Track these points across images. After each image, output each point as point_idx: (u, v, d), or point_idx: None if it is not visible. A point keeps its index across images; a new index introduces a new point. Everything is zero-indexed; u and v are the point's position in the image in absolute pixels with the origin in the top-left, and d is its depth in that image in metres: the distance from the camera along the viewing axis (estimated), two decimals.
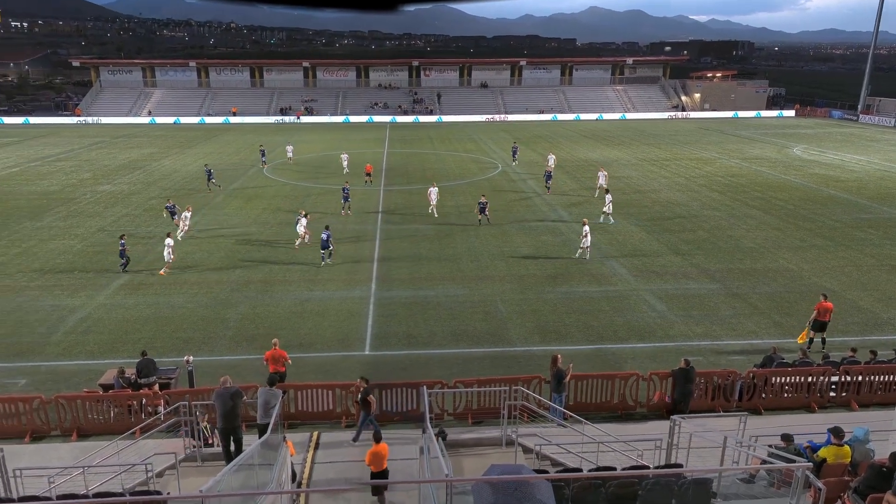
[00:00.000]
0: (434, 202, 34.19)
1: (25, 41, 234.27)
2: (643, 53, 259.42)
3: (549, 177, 40.41)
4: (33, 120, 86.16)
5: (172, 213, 31.71)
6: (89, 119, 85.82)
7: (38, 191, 40.62)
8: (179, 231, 29.62)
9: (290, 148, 51.74)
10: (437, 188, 34.74)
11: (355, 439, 13.91)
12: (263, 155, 50.20)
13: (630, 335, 19.81)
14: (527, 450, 13.17)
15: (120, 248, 25.21)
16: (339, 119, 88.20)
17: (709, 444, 11.95)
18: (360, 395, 13.93)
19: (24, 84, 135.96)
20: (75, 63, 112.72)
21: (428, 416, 12.37)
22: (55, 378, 17.10)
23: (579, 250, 26.82)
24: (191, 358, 16.02)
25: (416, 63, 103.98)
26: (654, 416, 15.36)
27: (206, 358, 17.94)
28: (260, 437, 11.84)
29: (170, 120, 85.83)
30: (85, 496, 9.77)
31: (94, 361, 17.98)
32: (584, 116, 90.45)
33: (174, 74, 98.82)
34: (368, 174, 42.32)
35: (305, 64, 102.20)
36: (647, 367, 16.79)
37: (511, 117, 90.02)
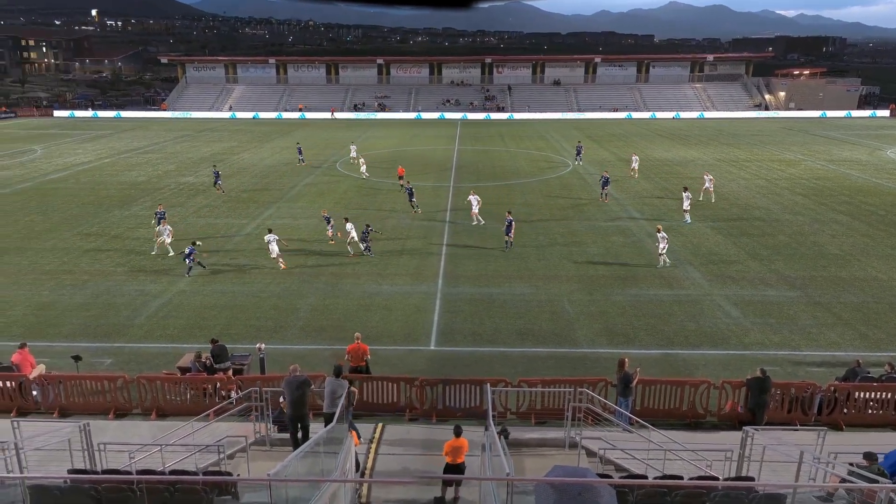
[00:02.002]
0: (476, 209, 31.87)
1: (119, 39, 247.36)
2: (724, 50, 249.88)
3: (605, 182, 36.68)
4: (124, 114, 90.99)
5: (160, 220, 28.23)
6: (175, 114, 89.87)
7: (126, 181, 42.85)
8: (158, 240, 27.19)
9: (353, 147, 50.80)
10: (477, 196, 32.25)
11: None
12: (300, 153, 49.49)
13: (702, 341, 19.18)
14: (591, 453, 12.97)
15: (189, 252, 24.47)
16: (411, 115, 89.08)
17: (783, 458, 11.44)
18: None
19: (117, 80, 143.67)
20: (163, 60, 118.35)
21: (491, 413, 12.35)
22: (138, 359, 18.02)
23: (661, 258, 25.42)
24: (263, 346, 16.54)
25: (488, 60, 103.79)
26: (724, 425, 14.82)
27: (277, 346, 18.50)
28: (326, 426, 12.11)
29: (249, 115, 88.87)
30: (162, 473, 10.25)
31: (173, 345, 18.85)
32: (659, 115, 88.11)
33: (254, 71, 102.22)
34: (401, 177, 39.67)
35: (380, 61, 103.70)
36: (719, 375, 16.21)
37: (584, 115, 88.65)
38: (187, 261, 24.45)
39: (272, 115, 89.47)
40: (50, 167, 48.30)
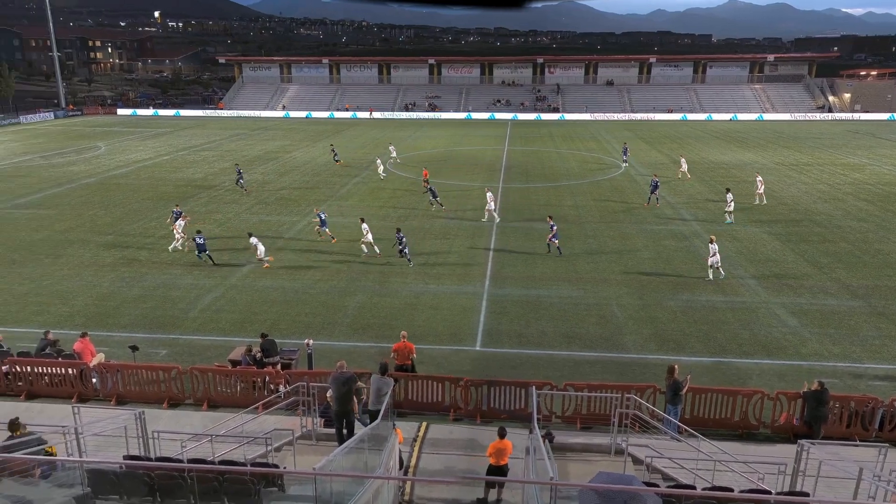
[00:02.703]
0: (491, 207, 32.23)
1: (180, 40, 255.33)
2: (786, 50, 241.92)
3: (655, 186, 35.33)
4: (183, 112, 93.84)
5: (177, 218, 28.87)
6: (231, 112, 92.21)
7: (183, 178, 44.19)
8: (176, 242, 27.84)
9: (392, 148, 51.16)
10: (491, 192, 32.99)
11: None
12: (335, 154, 49.90)
13: (756, 350, 18.62)
14: (637, 461, 12.75)
15: (199, 241, 25.67)
16: (462, 116, 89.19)
17: (841, 474, 11.00)
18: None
19: (177, 79, 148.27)
20: (221, 60, 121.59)
21: (535, 416, 12.27)
22: (191, 351, 18.56)
23: (710, 271, 24.24)
24: (311, 341, 16.82)
25: (540, 60, 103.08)
26: (778, 438, 14.36)
27: (325, 342, 18.77)
28: (371, 423, 12.24)
29: (302, 114, 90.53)
30: (212, 462, 10.53)
31: (224, 338, 19.35)
32: (716, 116, 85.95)
33: (308, 71, 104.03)
34: (426, 180, 38.63)
35: (431, 61, 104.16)
36: (773, 386, 15.71)
37: (637, 116, 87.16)
38: (200, 255, 25.68)
39: (324, 114, 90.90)
40: (112, 163, 50.20)
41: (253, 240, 25.82)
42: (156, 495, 9.70)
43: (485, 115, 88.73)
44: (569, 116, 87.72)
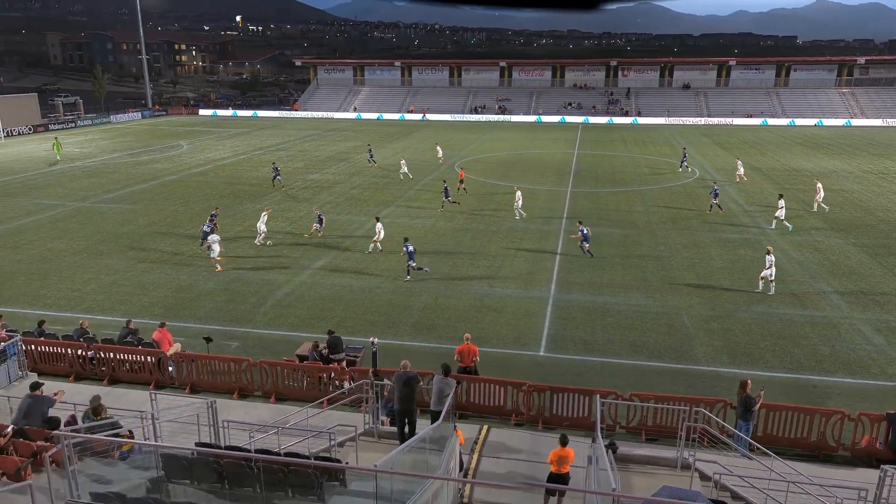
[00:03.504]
0: (518, 205, 33.41)
1: (259, 43, 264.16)
2: (879, 52, 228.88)
3: (716, 194, 34.58)
4: (260, 113, 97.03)
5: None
6: (306, 114, 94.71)
7: (258, 176, 45.66)
8: (260, 237, 28.89)
9: (439, 148, 52.18)
10: (520, 192, 33.94)
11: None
12: (371, 155, 50.81)
13: (837, 368, 17.69)
14: (704, 476, 12.33)
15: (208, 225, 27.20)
16: (531, 119, 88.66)
17: None
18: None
19: (256, 81, 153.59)
20: (297, 63, 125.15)
21: (599, 425, 12.05)
22: (261, 344, 19.16)
23: (760, 282, 23.18)
24: (376, 339, 17.04)
25: (613, 63, 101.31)
26: (859, 462, 13.59)
27: (389, 341, 19.01)
28: (432, 423, 12.30)
29: (373, 116, 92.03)
30: (277, 453, 10.82)
31: (293, 333, 19.87)
32: (799, 122, 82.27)
33: (380, 73, 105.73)
34: (461, 181, 39.10)
35: (502, 63, 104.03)
36: (855, 406, 14.86)
37: (714, 120, 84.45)
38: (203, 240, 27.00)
39: (395, 116, 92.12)
40: (193, 161, 52.41)
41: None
42: (224, 482, 10.05)
43: (555, 119, 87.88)
44: (642, 120, 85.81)
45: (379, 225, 27.57)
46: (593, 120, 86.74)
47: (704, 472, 12.31)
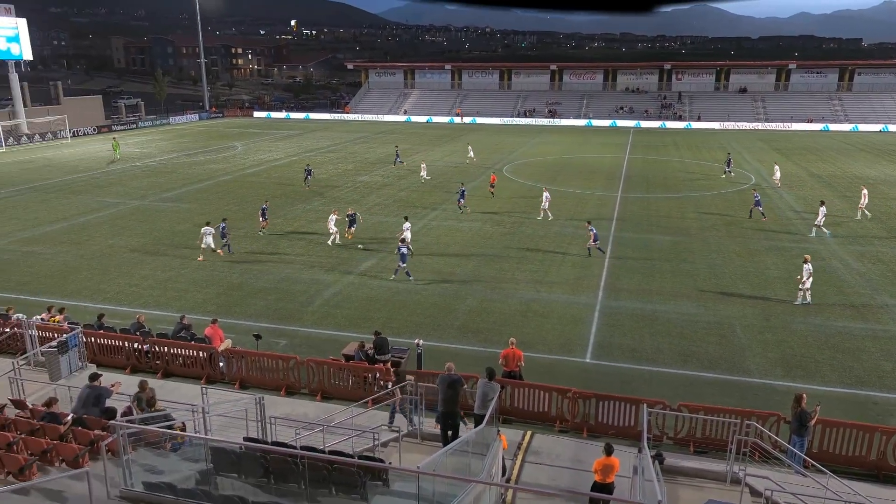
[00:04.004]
0: (546, 206, 33.81)
1: (313, 47, 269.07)
2: None
3: (757, 202, 33.70)
4: (312, 115, 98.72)
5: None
6: (356, 116, 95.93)
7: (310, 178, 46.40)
8: (334, 236, 29.66)
9: (470, 148, 54.42)
10: (548, 193, 34.46)
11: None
12: (398, 156, 52.39)
13: None
14: (755, 492, 11.96)
15: (222, 229, 28.03)
16: (581, 122, 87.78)
17: None
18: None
19: (308, 84, 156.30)
20: (349, 66, 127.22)
21: (645, 436, 11.83)
22: (309, 343, 19.47)
23: (800, 294, 22.34)
24: (421, 341, 17.16)
25: (667, 66, 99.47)
26: None
27: (434, 343, 19.07)
28: (475, 427, 12.29)
29: (423, 119, 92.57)
30: (322, 451, 10.98)
31: (339, 333, 20.13)
32: (863, 127, 79.17)
33: (431, 76, 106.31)
34: (492, 185, 39.80)
35: (553, 67, 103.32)
36: None
37: (771, 126, 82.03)
38: (224, 239, 27.96)
39: (445, 119, 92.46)
40: (247, 162, 53.67)
41: (206, 229, 27.41)
42: (270, 477, 10.25)
43: (606, 123, 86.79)
44: (696, 125, 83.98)
45: (406, 224, 28.13)
46: (645, 124, 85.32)
47: (755, 487, 11.94)
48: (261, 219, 31.44)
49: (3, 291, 23.37)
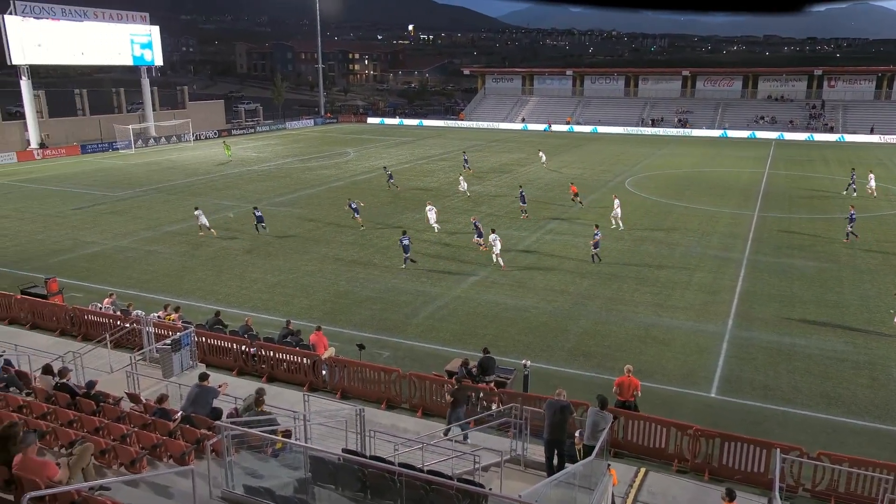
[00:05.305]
0: (617, 213, 34.44)
1: (429, 52, 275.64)
2: None
3: (851, 219, 31.93)
4: (426, 122, 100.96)
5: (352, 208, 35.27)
6: (471, 123, 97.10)
7: (420, 186, 47.47)
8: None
9: (542, 153, 57.11)
10: (618, 200, 35.32)
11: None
12: (466, 162, 53.27)
13: None
14: None
15: (256, 215, 33.20)
16: (715, 133, 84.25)
17: None
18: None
19: (423, 90, 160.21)
20: (465, 71, 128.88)
21: (778, 485, 11.09)
22: (412, 356, 19.82)
23: None
24: (528, 362, 17.00)
25: (818, 71, 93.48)
26: None
27: (542, 365, 18.86)
28: (583, 459, 12.00)
29: (540, 127, 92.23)
30: (420, 470, 11.10)
31: (443, 347, 20.36)
32: None
33: (550, 83, 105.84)
34: (576, 195, 40.41)
35: (685, 72, 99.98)
36: None
37: None
38: (259, 226, 33.16)
39: (564, 127, 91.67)
40: (358, 168, 55.67)
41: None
42: (367, 492, 10.48)
43: (743, 134, 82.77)
44: (850, 138, 78.29)
45: (493, 236, 28.30)
46: (789, 136, 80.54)
47: None
48: (356, 216, 34.88)
49: (126, 288, 25.49)
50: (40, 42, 62.43)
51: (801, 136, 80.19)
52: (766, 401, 17.31)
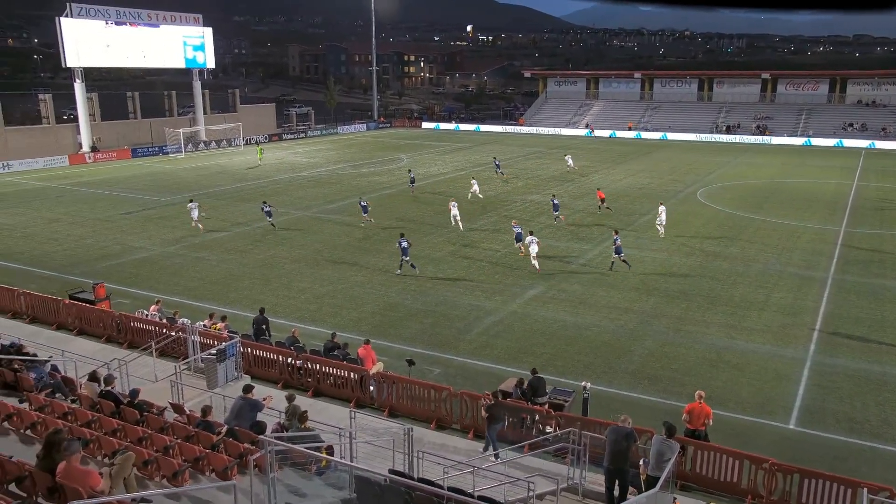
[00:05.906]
0: (662, 219, 34.77)
1: (488, 54, 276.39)
2: None
3: None
4: (483, 127, 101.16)
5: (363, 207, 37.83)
6: (531, 129, 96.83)
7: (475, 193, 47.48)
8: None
9: (568, 157, 58.43)
10: (663, 206, 35.71)
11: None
12: (498, 166, 54.97)
13: None
14: None
15: (266, 210, 36.18)
16: (798, 141, 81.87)
17: None
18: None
19: (481, 93, 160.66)
20: (526, 74, 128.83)
21: None
22: (464, 374, 19.79)
23: None
24: (588, 384, 16.76)
25: None
26: None
27: (603, 388, 18.57)
28: (647, 491, 11.75)
29: (605, 133, 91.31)
30: (470, 495, 11.04)
31: (497, 366, 20.26)
32: None
33: (617, 86, 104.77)
34: (602, 200, 41.24)
35: (765, 75, 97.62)
36: None
37: None
38: (269, 218, 36.05)
39: (630, 134, 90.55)
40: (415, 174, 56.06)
41: (191, 205, 35.46)
42: None
43: (829, 142, 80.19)
44: None
45: (530, 237, 29.50)
46: (882, 145, 77.59)
47: None
48: (363, 214, 37.37)
49: (172, 295, 26.28)
50: (95, 45, 65.23)
51: (894, 145, 77.17)
52: (851, 434, 16.63)
